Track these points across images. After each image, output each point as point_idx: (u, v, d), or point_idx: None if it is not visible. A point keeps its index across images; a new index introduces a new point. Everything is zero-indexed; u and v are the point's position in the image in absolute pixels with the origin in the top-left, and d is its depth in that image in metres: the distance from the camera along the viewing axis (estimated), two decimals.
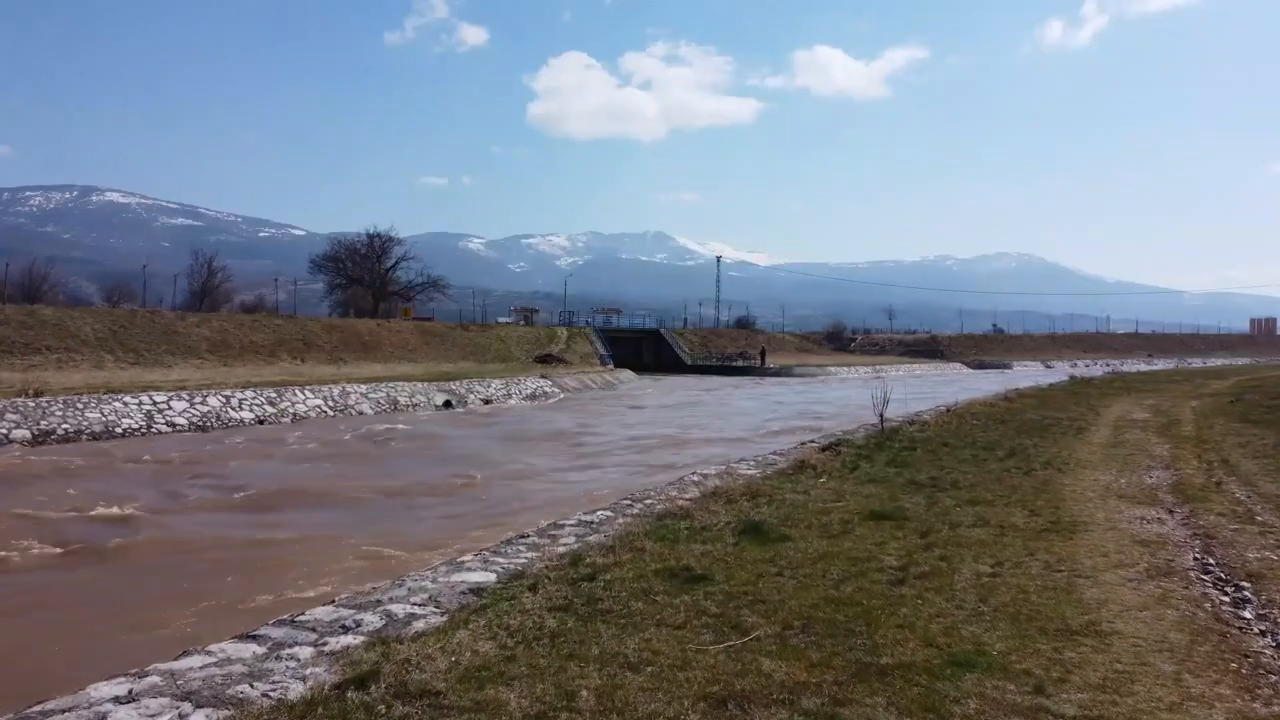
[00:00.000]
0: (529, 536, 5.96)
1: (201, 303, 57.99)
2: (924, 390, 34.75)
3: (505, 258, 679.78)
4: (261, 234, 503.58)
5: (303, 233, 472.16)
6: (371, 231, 67.71)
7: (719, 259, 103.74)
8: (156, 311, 44.39)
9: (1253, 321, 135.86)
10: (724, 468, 9.01)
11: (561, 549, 5.52)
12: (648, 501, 7.16)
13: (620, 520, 6.45)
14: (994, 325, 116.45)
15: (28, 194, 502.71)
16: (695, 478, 8.41)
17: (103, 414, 21.76)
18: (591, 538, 5.82)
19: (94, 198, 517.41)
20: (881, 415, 11.99)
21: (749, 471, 8.72)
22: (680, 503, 7.02)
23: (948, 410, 15.87)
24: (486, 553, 5.42)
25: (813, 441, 11.34)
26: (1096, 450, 11.33)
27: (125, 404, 22.58)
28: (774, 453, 10.52)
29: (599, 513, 6.71)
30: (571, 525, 6.31)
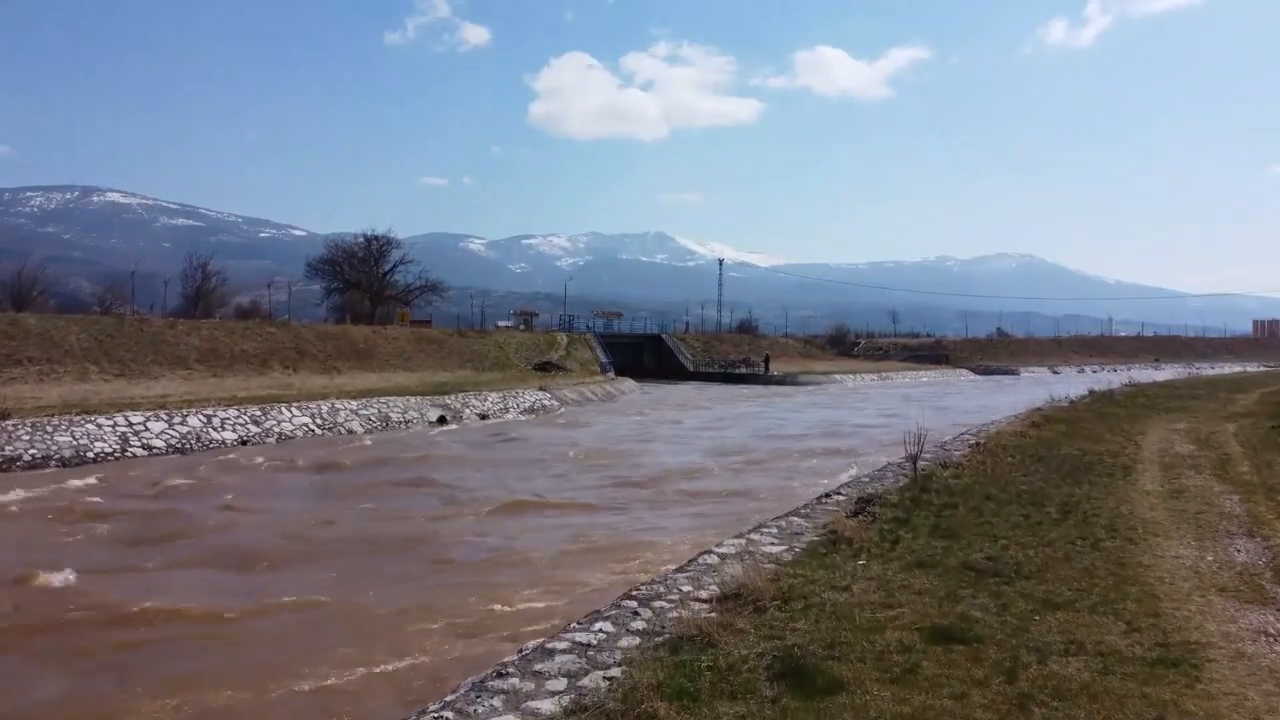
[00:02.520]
0: (507, 673, 4.69)
1: (196, 308, 56.70)
2: (940, 415, 33.61)
3: (506, 258, 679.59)
4: (262, 234, 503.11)
5: (303, 233, 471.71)
6: (369, 234, 66.46)
7: (721, 261, 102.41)
8: (145, 319, 43.14)
9: (1255, 323, 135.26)
10: (744, 541, 7.74)
11: (548, 705, 4.27)
12: (656, 605, 5.88)
13: (624, 640, 5.19)
14: (998, 329, 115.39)
15: (28, 194, 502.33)
16: (712, 559, 7.14)
17: (74, 437, 20.54)
18: (587, 679, 4.56)
19: (94, 198, 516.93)
20: (915, 461, 10.73)
21: (773, 548, 7.45)
22: (696, 605, 5.77)
23: (978, 444, 14.61)
24: (450, 714, 4.16)
25: (840, 495, 10.07)
26: (1156, 504, 10.10)
27: (99, 426, 21.35)
28: (797, 512, 9.26)
29: (597, 627, 5.43)
30: (562, 651, 5.04)
